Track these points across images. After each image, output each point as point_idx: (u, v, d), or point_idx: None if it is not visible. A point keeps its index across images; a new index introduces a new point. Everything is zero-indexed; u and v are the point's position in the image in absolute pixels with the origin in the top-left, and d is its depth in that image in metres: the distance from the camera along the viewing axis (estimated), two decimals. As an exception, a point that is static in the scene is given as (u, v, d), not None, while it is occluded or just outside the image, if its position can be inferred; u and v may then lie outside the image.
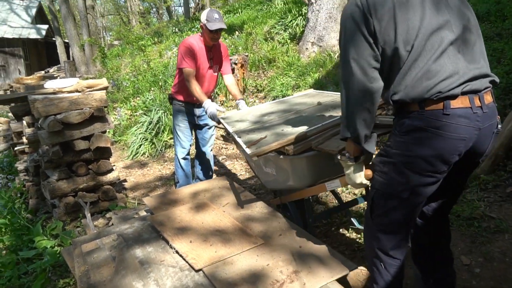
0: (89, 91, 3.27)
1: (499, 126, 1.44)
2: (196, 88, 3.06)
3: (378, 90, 1.37)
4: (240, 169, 4.41)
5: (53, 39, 16.88)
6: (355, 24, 1.36)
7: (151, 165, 5.20)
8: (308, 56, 6.66)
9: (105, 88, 3.38)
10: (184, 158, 3.50)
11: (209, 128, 3.50)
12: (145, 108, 6.32)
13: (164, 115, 5.79)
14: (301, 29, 7.64)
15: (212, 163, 3.66)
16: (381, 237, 1.54)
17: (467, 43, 1.37)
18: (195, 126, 3.50)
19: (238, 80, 6.39)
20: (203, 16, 3.10)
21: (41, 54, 20.19)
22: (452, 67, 1.31)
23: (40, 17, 19.70)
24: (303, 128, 2.10)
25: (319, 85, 5.48)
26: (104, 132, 3.22)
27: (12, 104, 3.31)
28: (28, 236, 3.04)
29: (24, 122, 3.91)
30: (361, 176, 1.51)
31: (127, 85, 8.76)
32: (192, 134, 3.51)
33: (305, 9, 7.45)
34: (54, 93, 3.19)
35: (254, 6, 13.26)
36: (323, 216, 2.77)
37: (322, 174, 2.04)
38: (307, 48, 6.73)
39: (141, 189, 4.35)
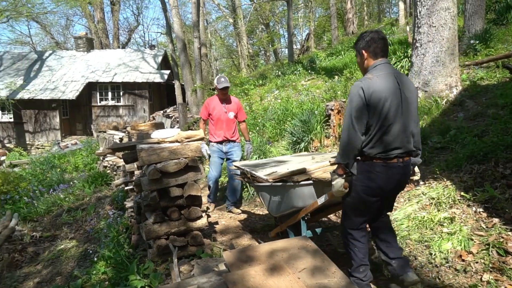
0: (187, 141, 3.55)
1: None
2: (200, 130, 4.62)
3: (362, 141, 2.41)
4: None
5: (173, 82, 19.11)
6: (360, 100, 2.34)
7: (242, 208, 5.33)
8: (411, 102, 6.25)
9: (202, 139, 3.63)
10: (214, 182, 5.04)
11: (233, 161, 4.86)
12: (242, 152, 6.60)
13: (258, 160, 5.96)
14: (406, 72, 7.27)
15: (239, 187, 5.09)
16: (351, 231, 2.62)
17: (408, 131, 2.43)
18: (224, 159, 5.06)
19: (334, 126, 6.29)
20: (215, 80, 4.89)
21: (162, 95, 22.97)
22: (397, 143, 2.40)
23: (164, 63, 22.59)
24: (302, 166, 3.12)
25: (422, 135, 5.05)
26: (196, 181, 3.43)
27: (125, 152, 3.78)
28: (125, 273, 3.33)
29: (135, 164, 4.41)
30: (342, 186, 2.47)
31: (229, 126, 9.31)
32: (221, 165, 5.05)
33: (411, 51, 7.10)
34: (158, 142, 3.55)
35: (358, 48, 13.15)
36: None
37: (316, 195, 2.93)
38: (410, 93, 6.33)
39: (230, 233, 4.47)
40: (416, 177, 2.80)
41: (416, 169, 2.75)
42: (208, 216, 4.79)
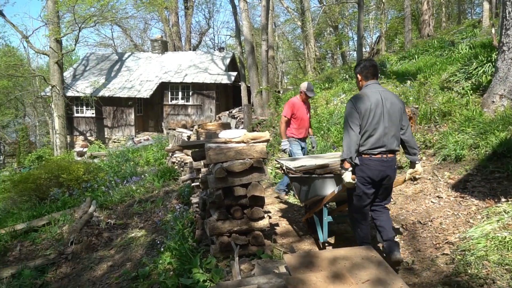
0: (253, 142, 3.61)
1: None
2: (283, 129, 5.50)
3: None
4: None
5: (239, 83, 19.55)
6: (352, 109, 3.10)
7: (298, 211, 5.29)
8: (494, 111, 5.73)
9: (267, 141, 3.67)
10: None
11: (304, 154, 5.56)
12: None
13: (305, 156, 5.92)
14: (488, 78, 6.68)
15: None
16: (355, 215, 3.27)
17: (390, 134, 3.10)
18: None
19: (404, 133, 5.99)
20: (304, 86, 5.44)
21: (228, 96, 23.61)
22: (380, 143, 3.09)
23: (232, 65, 23.20)
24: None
25: (505, 147, 4.61)
26: (260, 182, 3.47)
27: (194, 150, 3.95)
28: (189, 266, 3.48)
29: (202, 161, 4.59)
30: (350, 178, 3.08)
31: (293, 129, 9.28)
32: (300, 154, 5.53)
33: (496, 55, 6.51)
34: (225, 142, 3.66)
35: (433, 52, 12.35)
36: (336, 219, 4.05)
37: (334, 186, 3.63)
38: (493, 101, 5.82)
39: (290, 236, 4.45)
40: (418, 175, 3.30)
41: (419, 167, 3.28)
42: (270, 217, 4.81)
